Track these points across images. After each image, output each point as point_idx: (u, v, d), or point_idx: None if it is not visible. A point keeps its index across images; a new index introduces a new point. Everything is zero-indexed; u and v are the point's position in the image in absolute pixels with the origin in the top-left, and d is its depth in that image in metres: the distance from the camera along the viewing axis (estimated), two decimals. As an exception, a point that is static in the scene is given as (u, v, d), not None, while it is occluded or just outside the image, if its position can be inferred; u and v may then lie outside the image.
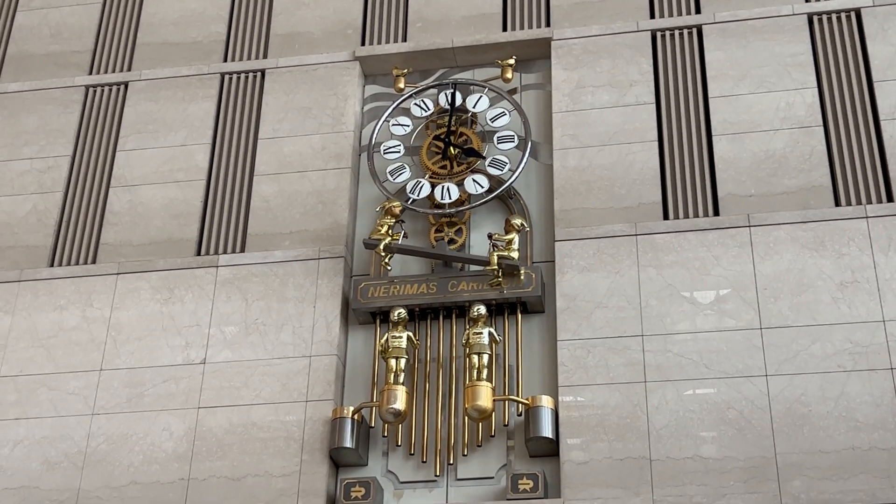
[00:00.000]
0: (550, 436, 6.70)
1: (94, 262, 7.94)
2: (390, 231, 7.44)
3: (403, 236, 7.49)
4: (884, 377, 6.54)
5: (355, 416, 6.92)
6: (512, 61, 8.10)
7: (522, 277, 7.22)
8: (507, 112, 7.94)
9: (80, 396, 7.31)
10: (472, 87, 8.14)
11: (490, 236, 7.33)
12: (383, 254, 7.35)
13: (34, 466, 7.12)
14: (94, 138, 8.51)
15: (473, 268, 7.48)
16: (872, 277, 6.86)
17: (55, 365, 7.45)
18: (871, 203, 7.19)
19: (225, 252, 7.81)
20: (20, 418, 7.30)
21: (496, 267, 7.15)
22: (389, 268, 7.42)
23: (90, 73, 8.85)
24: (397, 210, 7.51)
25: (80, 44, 9.01)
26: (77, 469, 7.07)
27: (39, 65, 8.94)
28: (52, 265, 7.97)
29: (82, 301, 7.67)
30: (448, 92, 8.03)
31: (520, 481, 6.63)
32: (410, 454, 6.99)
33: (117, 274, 7.75)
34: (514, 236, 7.28)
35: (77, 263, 7.94)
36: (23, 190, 8.30)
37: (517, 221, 7.33)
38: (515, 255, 7.22)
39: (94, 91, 8.72)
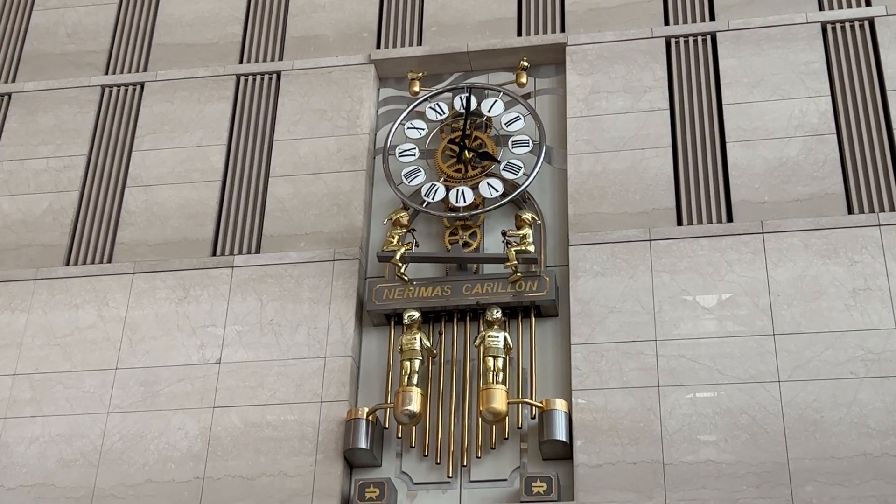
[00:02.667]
0: (564, 439, 6.74)
1: (109, 261, 7.98)
2: (401, 241, 7.46)
3: (415, 245, 7.50)
4: (896, 384, 6.60)
5: (370, 418, 6.96)
6: (524, 63, 8.13)
7: (541, 273, 7.26)
8: (521, 116, 7.98)
9: (96, 395, 7.35)
10: (486, 92, 8.19)
11: (504, 233, 7.38)
12: (400, 264, 7.37)
13: (49, 464, 7.17)
14: (110, 138, 8.56)
15: (488, 271, 7.54)
16: (885, 285, 6.90)
17: (71, 363, 7.50)
18: (883, 211, 7.24)
19: (240, 253, 7.86)
20: (36, 416, 7.34)
21: (515, 262, 7.19)
22: (406, 278, 7.41)
23: (106, 73, 8.90)
24: (405, 220, 7.54)
25: (97, 44, 9.06)
26: (92, 467, 7.12)
27: (55, 64, 8.99)
28: (67, 264, 8.02)
29: (98, 300, 7.72)
30: (463, 96, 8.07)
31: (533, 484, 6.67)
32: (424, 455, 7.03)
33: (133, 273, 7.79)
34: (528, 230, 7.34)
35: (93, 262, 7.99)
36: (39, 189, 8.35)
37: (528, 216, 7.39)
38: (532, 248, 7.27)
39: (110, 91, 8.77)
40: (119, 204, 8.24)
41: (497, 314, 7.13)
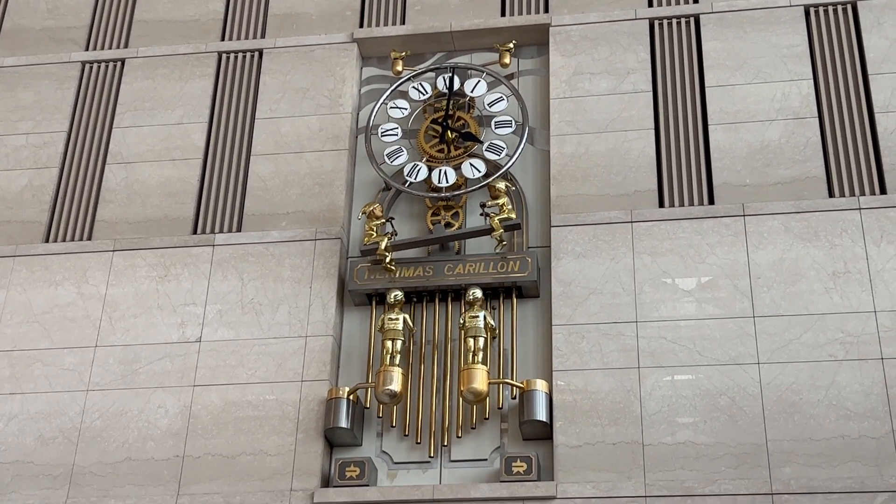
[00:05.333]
0: (544, 419, 6.76)
1: (89, 238, 7.94)
2: (379, 232, 7.41)
3: (394, 234, 7.45)
4: (874, 367, 6.63)
5: (350, 397, 6.96)
6: (510, 46, 8.13)
7: (524, 253, 7.30)
8: (504, 97, 7.96)
9: (75, 372, 7.32)
10: (470, 72, 8.16)
11: (483, 205, 7.39)
12: (387, 254, 7.33)
13: (28, 441, 7.14)
14: (91, 115, 8.50)
15: (470, 251, 7.54)
16: (864, 268, 6.94)
17: (50, 340, 7.46)
18: (864, 195, 7.27)
19: (221, 231, 7.83)
20: (14, 393, 7.31)
21: (501, 230, 7.20)
22: (393, 266, 7.36)
23: (87, 50, 8.84)
24: (378, 211, 7.49)
25: (77, 19, 8.98)
26: (71, 445, 7.09)
27: (36, 40, 8.92)
28: (47, 241, 7.97)
29: (77, 277, 7.68)
30: (446, 76, 8.04)
31: (513, 464, 6.69)
32: (405, 435, 7.04)
33: (113, 251, 7.76)
34: (504, 199, 7.35)
35: (72, 240, 7.95)
36: (18, 165, 8.29)
37: (501, 185, 7.40)
38: (513, 214, 7.32)
39: (91, 67, 8.71)
40: (99, 181, 8.19)
41: (477, 294, 7.13)
